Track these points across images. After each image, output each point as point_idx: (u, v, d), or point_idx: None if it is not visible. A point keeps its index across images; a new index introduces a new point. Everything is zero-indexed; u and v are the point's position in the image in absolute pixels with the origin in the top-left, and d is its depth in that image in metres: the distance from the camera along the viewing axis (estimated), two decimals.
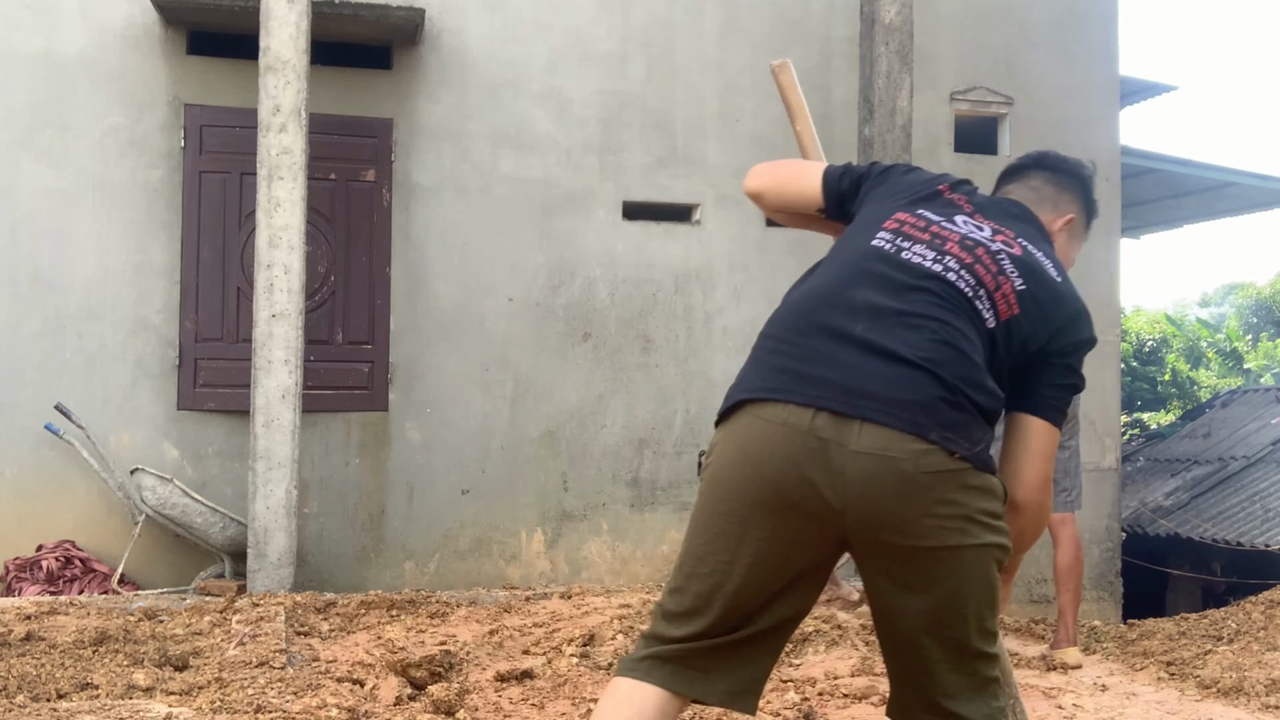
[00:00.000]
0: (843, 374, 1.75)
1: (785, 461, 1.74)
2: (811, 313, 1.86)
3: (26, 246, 6.11)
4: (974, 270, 1.87)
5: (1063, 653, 4.11)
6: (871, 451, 1.70)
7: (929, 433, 1.71)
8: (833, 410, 1.72)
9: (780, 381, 1.78)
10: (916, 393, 1.73)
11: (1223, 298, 22.26)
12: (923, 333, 1.78)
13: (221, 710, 3.10)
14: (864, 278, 1.87)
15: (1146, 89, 9.45)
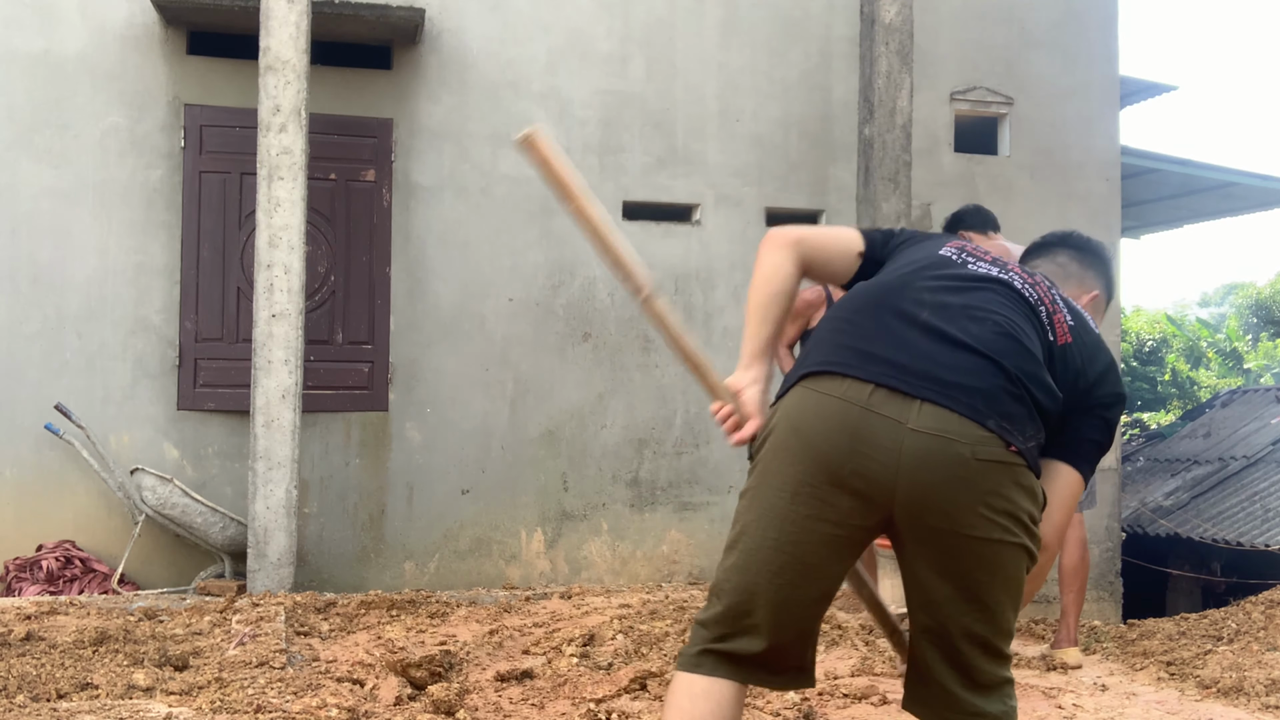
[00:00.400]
0: (906, 355, 1.77)
1: (839, 433, 1.74)
2: (879, 298, 1.89)
3: (26, 246, 6.11)
4: (1036, 288, 1.95)
5: (1063, 653, 4.10)
6: (929, 431, 1.72)
7: (987, 420, 1.73)
8: (892, 387, 1.74)
9: (841, 356, 1.80)
10: (979, 379, 1.75)
11: (1223, 298, 22.27)
12: (987, 325, 1.82)
13: (221, 710, 3.10)
14: (931, 276, 1.91)
15: (1146, 89, 9.45)
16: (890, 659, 3.91)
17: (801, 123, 7.16)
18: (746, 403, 1.91)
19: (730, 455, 6.91)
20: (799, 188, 7.16)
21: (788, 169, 7.13)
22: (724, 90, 7.07)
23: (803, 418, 1.79)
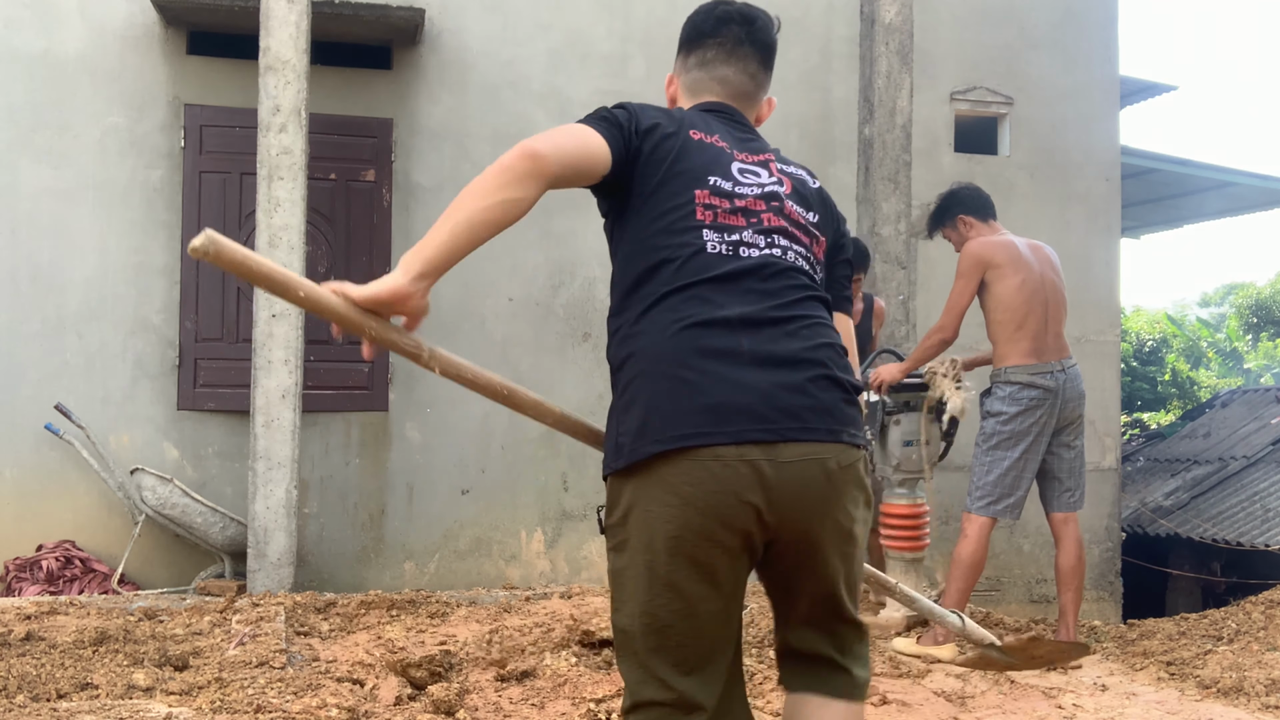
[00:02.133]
0: (752, 397, 1.74)
1: (725, 495, 1.72)
2: (689, 338, 1.76)
3: (26, 246, 6.11)
4: (789, 234, 1.94)
5: None
6: (800, 459, 1.76)
7: (841, 435, 1.81)
8: (756, 441, 1.73)
9: (693, 424, 1.72)
10: (823, 399, 1.79)
11: (1223, 298, 22.26)
12: (800, 338, 1.82)
13: (221, 710, 3.10)
14: (718, 289, 1.80)
15: (1146, 89, 9.45)
16: (890, 658, 3.91)
17: (801, 123, 7.16)
18: (415, 309, 1.73)
19: None
20: None
21: None
22: None
23: (683, 489, 1.73)
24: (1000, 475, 4.18)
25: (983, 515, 4.22)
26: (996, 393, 4.27)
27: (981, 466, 4.24)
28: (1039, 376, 4.18)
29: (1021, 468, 4.18)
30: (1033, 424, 4.17)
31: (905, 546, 4.55)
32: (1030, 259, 4.30)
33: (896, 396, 4.57)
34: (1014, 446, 4.18)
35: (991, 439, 4.22)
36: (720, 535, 1.74)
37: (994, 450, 4.21)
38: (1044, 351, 4.23)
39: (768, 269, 1.85)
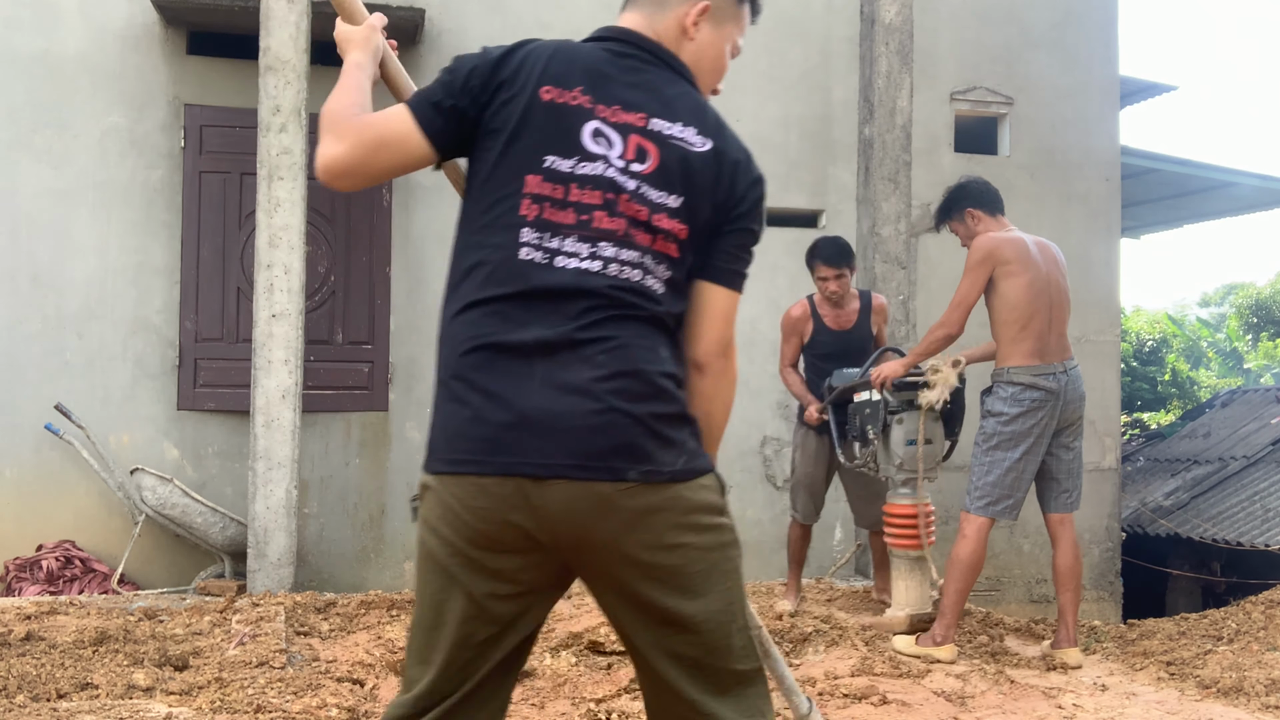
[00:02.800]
0: (532, 431, 1.58)
1: (489, 521, 1.60)
2: (480, 360, 1.63)
3: (26, 246, 6.11)
4: (621, 238, 1.66)
5: (1063, 653, 4.10)
6: (572, 498, 1.59)
7: (626, 473, 1.58)
8: (525, 475, 1.58)
9: (467, 451, 1.61)
10: (610, 435, 1.58)
11: (1223, 298, 22.26)
12: (595, 365, 1.60)
13: (221, 710, 3.10)
14: (523, 306, 1.64)
15: (1146, 89, 9.45)
16: (890, 658, 3.91)
17: (801, 123, 7.16)
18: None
19: (731, 455, 6.91)
20: (799, 187, 7.16)
21: (788, 169, 7.13)
22: (724, 90, 7.05)
23: (451, 508, 1.63)
24: (1000, 476, 4.13)
25: (981, 515, 4.17)
26: (998, 393, 4.21)
27: (981, 467, 4.19)
28: (1041, 378, 4.13)
29: (1021, 469, 4.14)
30: (1034, 425, 4.12)
31: (908, 545, 4.51)
32: (1038, 258, 4.23)
33: (900, 395, 4.50)
34: (1014, 448, 4.12)
35: (992, 439, 4.17)
36: (484, 559, 1.62)
37: (994, 451, 4.16)
38: (1047, 353, 4.17)
39: (580, 286, 1.63)
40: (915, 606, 4.52)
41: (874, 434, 4.53)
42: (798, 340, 5.00)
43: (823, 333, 4.96)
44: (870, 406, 4.54)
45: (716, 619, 1.64)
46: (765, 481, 6.97)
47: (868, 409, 4.55)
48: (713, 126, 1.79)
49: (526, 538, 1.61)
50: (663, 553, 1.61)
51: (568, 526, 1.59)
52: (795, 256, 7.08)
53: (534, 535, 1.61)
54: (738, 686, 1.67)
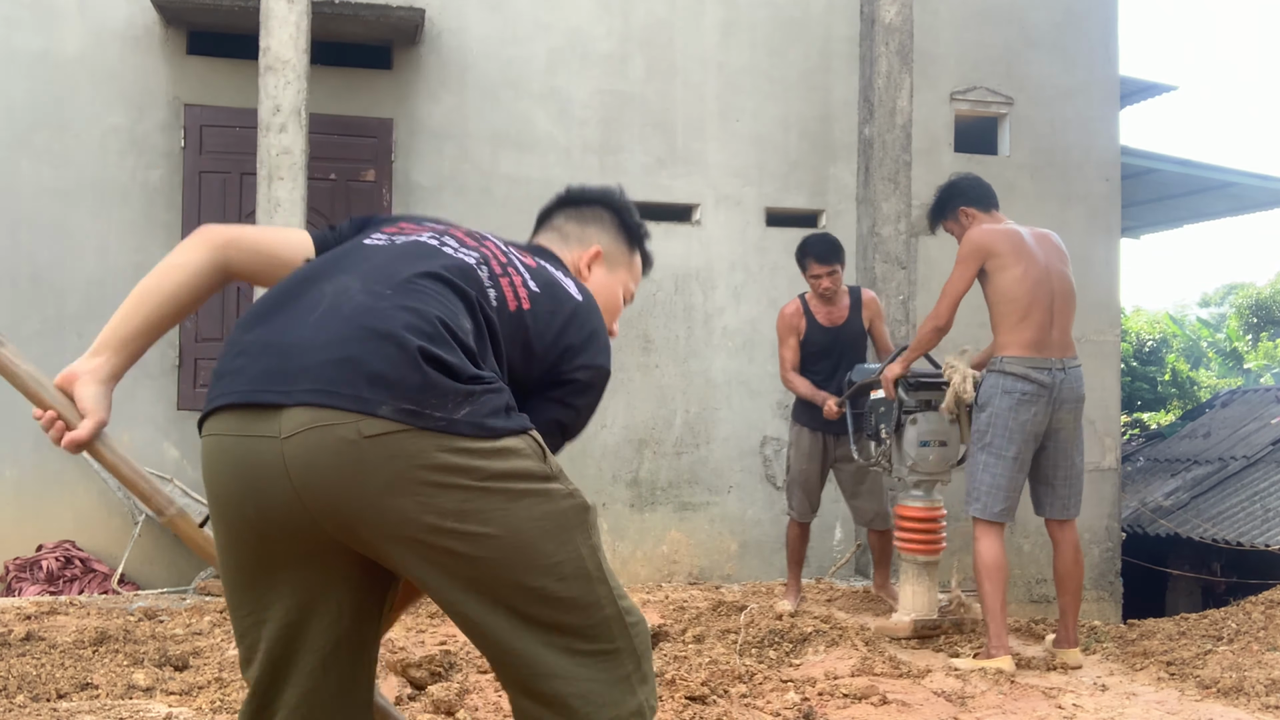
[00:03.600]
0: (274, 358, 1.44)
1: (227, 475, 1.46)
2: (273, 304, 1.54)
3: (26, 246, 6.11)
4: (480, 251, 1.64)
5: (1064, 653, 4.08)
6: (304, 428, 1.39)
7: (379, 408, 1.38)
8: (259, 404, 1.42)
9: (216, 387, 1.49)
10: (368, 359, 1.41)
11: (1223, 298, 22.25)
12: (382, 297, 1.48)
13: (221, 710, 3.11)
14: (340, 264, 1.58)
15: (1146, 89, 9.45)
16: (890, 658, 3.91)
17: (801, 123, 7.16)
18: (80, 399, 1.62)
19: (731, 455, 6.92)
20: (799, 188, 7.16)
21: (788, 169, 7.13)
22: (724, 90, 7.07)
23: (205, 471, 1.50)
24: (995, 475, 3.99)
25: (979, 517, 4.03)
26: (988, 383, 4.04)
27: (976, 465, 4.05)
28: (1035, 370, 3.95)
29: (1013, 468, 3.98)
30: (1025, 421, 3.94)
31: (919, 549, 4.42)
32: (1035, 249, 4.08)
33: (915, 395, 4.38)
34: (1008, 445, 3.96)
35: (985, 435, 4.01)
36: (238, 528, 1.48)
37: (987, 448, 4.00)
38: (1046, 346, 3.99)
39: (416, 248, 1.63)
40: (922, 612, 4.44)
41: (887, 433, 4.44)
42: (795, 340, 4.98)
43: (816, 330, 4.94)
44: (885, 405, 4.46)
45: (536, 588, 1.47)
46: (765, 481, 6.97)
47: (882, 407, 4.48)
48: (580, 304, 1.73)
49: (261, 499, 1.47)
50: (418, 507, 1.40)
51: (303, 468, 1.40)
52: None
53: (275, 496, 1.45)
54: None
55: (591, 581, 1.49)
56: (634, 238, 2.04)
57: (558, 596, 1.46)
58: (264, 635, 1.51)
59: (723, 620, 4.44)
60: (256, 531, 1.46)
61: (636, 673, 1.53)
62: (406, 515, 1.39)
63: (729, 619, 4.45)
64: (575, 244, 1.94)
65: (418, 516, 1.39)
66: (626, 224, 2.02)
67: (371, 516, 1.40)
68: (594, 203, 2.01)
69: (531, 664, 1.46)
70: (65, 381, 1.64)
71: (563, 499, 1.49)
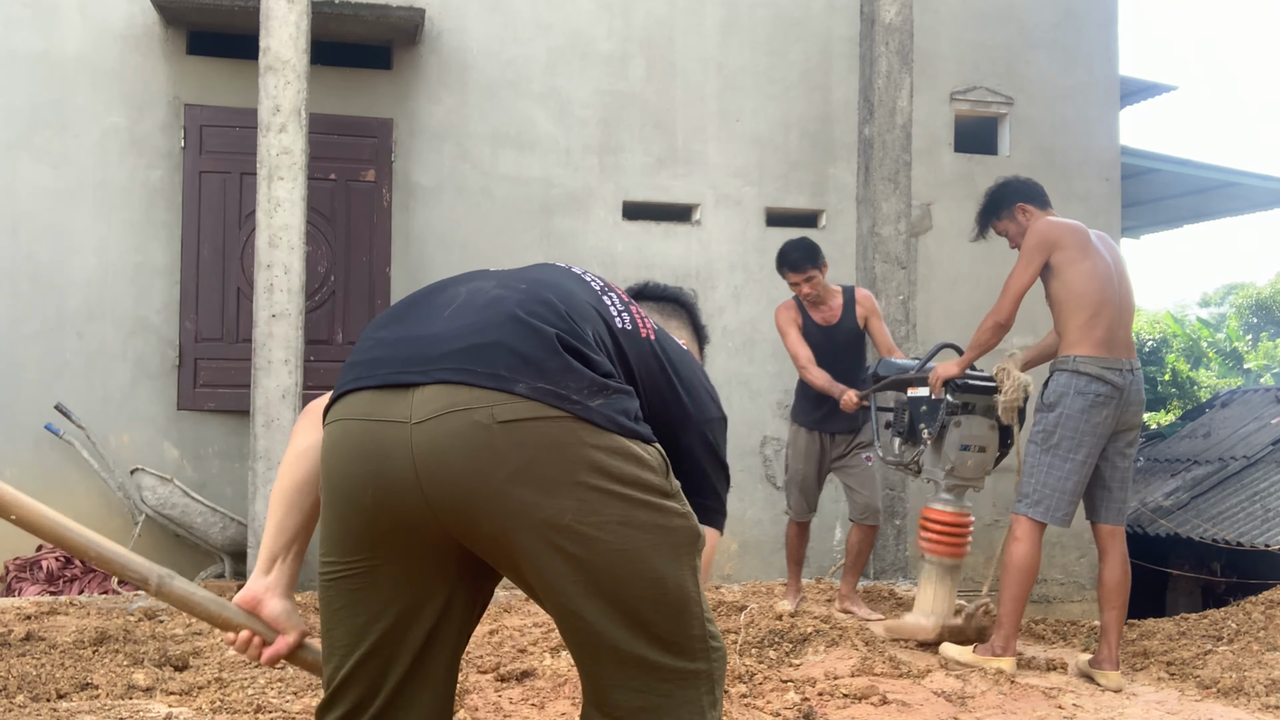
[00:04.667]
0: (405, 346, 1.45)
1: (350, 462, 1.44)
2: (404, 307, 1.58)
3: (26, 246, 6.11)
4: (603, 281, 1.67)
5: (1103, 674, 3.80)
6: (436, 414, 1.38)
7: (514, 385, 1.37)
8: (388, 385, 1.42)
9: (343, 377, 1.49)
10: (503, 339, 1.41)
11: (1223, 298, 22.24)
12: (518, 289, 1.50)
13: (221, 710, 3.10)
14: (469, 276, 1.62)
15: (1146, 89, 9.44)
16: (891, 658, 3.91)
17: (801, 123, 7.16)
18: (269, 618, 1.60)
19: (732, 454, 6.88)
20: (799, 188, 7.16)
21: (788, 169, 7.13)
22: (724, 90, 7.07)
23: (326, 456, 1.48)
24: (1058, 479, 3.79)
25: (1034, 518, 3.83)
26: (1060, 384, 3.81)
27: (1039, 466, 3.83)
28: (1109, 371, 3.76)
29: (1080, 472, 3.80)
30: (1097, 424, 3.76)
31: (944, 552, 4.24)
32: (1100, 246, 3.91)
33: (959, 396, 4.20)
34: (1077, 448, 3.77)
35: (1052, 436, 3.80)
36: (355, 521, 1.46)
37: (1053, 450, 3.80)
38: (1116, 346, 3.82)
39: (540, 267, 1.70)
40: (941, 615, 4.25)
41: (928, 434, 4.26)
42: (796, 330, 4.88)
43: (811, 329, 4.90)
44: (927, 404, 4.26)
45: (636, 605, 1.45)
46: (765, 481, 6.97)
47: (924, 406, 4.28)
48: None
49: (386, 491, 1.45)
50: (550, 492, 1.38)
51: (431, 455, 1.38)
52: None
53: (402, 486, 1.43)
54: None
55: (689, 601, 1.48)
56: (703, 340, 2.12)
57: (654, 612, 1.45)
58: (359, 633, 1.51)
59: (723, 620, 4.44)
60: (367, 520, 1.45)
61: (709, 696, 1.51)
62: (526, 507, 1.37)
63: (729, 619, 4.45)
64: (675, 325, 2.05)
65: (537, 509, 1.37)
66: (698, 325, 2.11)
67: (492, 505, 1.38)
68: (672, 300, 2.09)
69: (613, 674, 1.46)
70: (248, 603, 1.61)
71: (677, 519, 1.47)
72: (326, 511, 1.50)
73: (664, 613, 1.45)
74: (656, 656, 1.45)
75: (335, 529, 1.49)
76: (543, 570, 1.41)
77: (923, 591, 4.35)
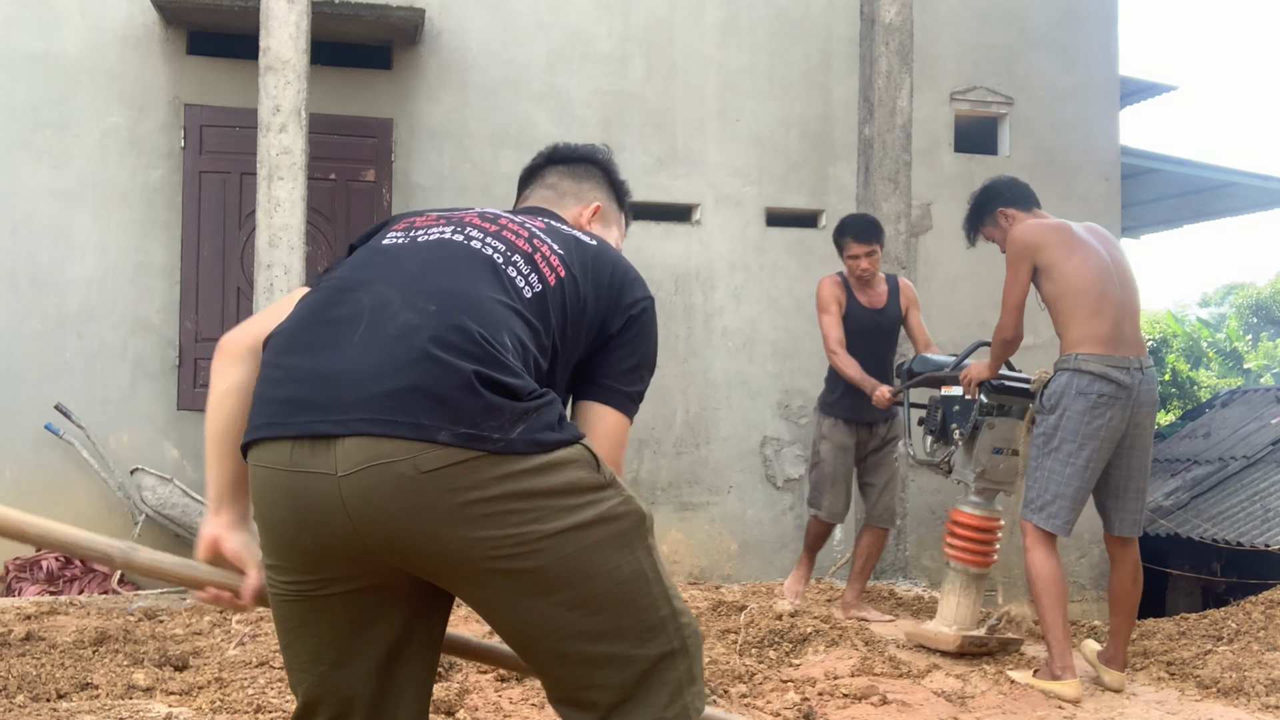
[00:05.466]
0: (318, 386, 1.42)
1: (281, 509, 1.45)
2: (309, 321, 1.52)
3: (26, 246, 6.11)
4: (502, 236, 1.62)
5: (1108, 673, 3.76)
6: (361, 467, 1.38)
7: (437, 434, 1.37)
8: (312, 435, 1.40)
9: (262, 415, 1.47)
10: (419, 382, 1.39)
11: (1223, 298, 22.25)
12: (428, 315, 1.45)
13: (221, 710, 3.11)
14: (371, 271, 1.56)
15: (1146, 89, 9.44)
16: (891, 658, 3.91)
17: (801, 123, 7.16)
18: (231, 554, 1.62)
19: (731, 455, 6.92)
20: (799, 188, 7.16)
21: (788, 169, 7.13)
22: (724, 90, 7.07)
23: (258, 501, 1.49)
24: (1061, 483, 3.62)
25: (1038, 525, 3.66)
26: (1060, 383, 3.64)
27: (1040, 471, 3.67)
28: (1115, 370, 3.57)
29: (1082, 477, 3.61)
30: (1100, 426, 3.57)
31: (970, 560, 4.09)
32: (1089, 239, 3.76)
33: (995, 397, 4.06)
34: (1078, 452, 3.59)
35: (1053, 439, 3.64)
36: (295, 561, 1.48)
37: (1054, 453, 3.64)
38: (1122, 343, 3.63)
39: (443, 248, 1.63)
40: (965, 625, 4.09)
41: (960, 434, 4.10)
42: (837, 309, 4.66)
43: (855, 310, 4.68)
44: (960, 404, 4.11)
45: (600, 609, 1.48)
46: (765, 481, 6.97)
47: (957, 405, 4.13)
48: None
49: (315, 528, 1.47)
50: (481, 536, 1.39)
51: (360, 503, 1.39)
52: (795, 256, 7.10)
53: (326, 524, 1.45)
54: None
55: (649, 584, 1.49)
56: (622, 195, 2.04)
57: (616, 608, 1.46)
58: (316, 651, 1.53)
59: (723, 620, 4.44)
60: (310, 557, 1.47)
61: (686, 674, 1.52)
62: (465, 544, 1.39)
63: (729, 619, 4.45)
64: (573, 200, 1.94)
65: (476, 545, 1.39)
66: (615, 182, 2.02)
67: (430, 548, 1.40)
68: (585, 160, 1.99)
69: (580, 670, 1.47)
70: (208, 546, 1.65)
71: (619, 506, 1.48)
72: (266, 541, 1.51)
73: (626, 606, 1.46)
74: (625, 650, 1.46)
75: (274, 558, 1.51)
76: (495, 595, 1.45)
77: (945, 600, 4.18)
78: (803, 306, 6.83)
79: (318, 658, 1.53)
